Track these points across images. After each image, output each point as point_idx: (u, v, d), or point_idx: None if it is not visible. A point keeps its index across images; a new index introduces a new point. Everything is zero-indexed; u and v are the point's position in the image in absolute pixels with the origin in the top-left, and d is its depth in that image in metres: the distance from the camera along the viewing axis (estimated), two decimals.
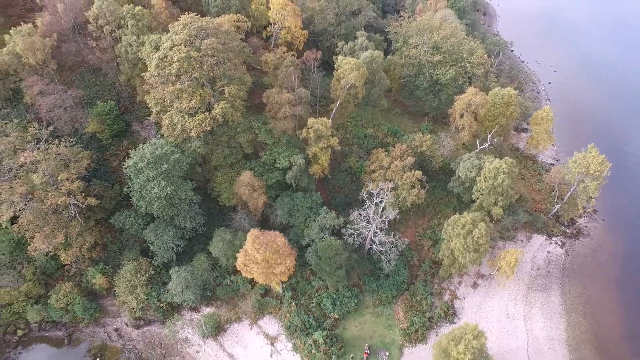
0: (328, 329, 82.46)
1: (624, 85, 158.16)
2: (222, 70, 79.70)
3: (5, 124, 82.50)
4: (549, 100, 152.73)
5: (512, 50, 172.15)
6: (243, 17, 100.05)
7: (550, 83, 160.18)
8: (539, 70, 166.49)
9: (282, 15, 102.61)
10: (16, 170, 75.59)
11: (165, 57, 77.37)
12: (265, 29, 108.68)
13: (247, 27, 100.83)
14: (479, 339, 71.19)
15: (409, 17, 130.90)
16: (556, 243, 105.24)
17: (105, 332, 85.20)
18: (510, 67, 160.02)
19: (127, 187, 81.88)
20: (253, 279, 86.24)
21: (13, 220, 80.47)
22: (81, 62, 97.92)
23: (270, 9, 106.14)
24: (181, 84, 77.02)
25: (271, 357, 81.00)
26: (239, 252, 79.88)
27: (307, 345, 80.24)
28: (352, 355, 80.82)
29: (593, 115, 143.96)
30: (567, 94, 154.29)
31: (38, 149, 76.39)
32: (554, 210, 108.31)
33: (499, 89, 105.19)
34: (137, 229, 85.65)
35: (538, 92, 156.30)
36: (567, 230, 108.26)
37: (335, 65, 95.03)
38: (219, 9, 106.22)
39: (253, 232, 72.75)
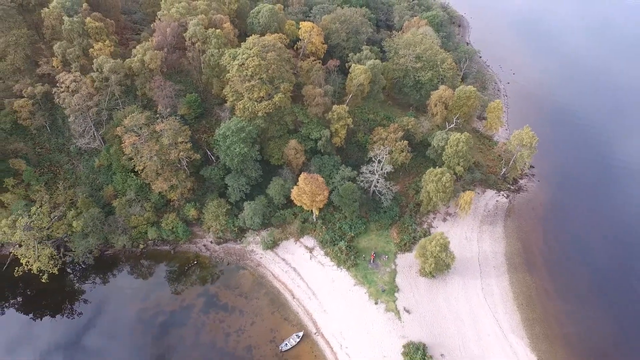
0: (347, 242, 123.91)
1: (568, 82, 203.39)
2: (279, 73, 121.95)
3: (132, 108, 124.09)
4: (506, 96, 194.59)
5: (480, 57, 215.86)
6: (283, 35, 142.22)
7: (509, 83, 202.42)
8: (500, 72, 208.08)
9: (309, 34, 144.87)
10: (149, 135, 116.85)
11: (243, 64, 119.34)
12: (296, 43, 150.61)
13: (286, 42, 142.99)
14: (445, 239, 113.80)
15: (399, 31, 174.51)
16: (503, 195, 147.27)
17: (197, 247, 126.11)
18: (477, 70, 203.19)
19: (216, 149, 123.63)
20: (295, 213, 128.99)
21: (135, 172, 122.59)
22: (169, 66, 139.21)
23: (300, 28, 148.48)
24: (254, 82, 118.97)
25: (310, 259, 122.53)
26: (287, 193, 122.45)
27: (334, 251, 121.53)
28: (364, 255, 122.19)
29: (539, 106, 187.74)
30: (520, 91, 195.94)
31: (162, 122, 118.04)
32: (502, 173, 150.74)
33: (463, 87, 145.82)
34: (218, 179, 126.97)
35: (498, 90, 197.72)
36: (511, 187, 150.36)
37: (350, 70, 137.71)
38: (262, 28, 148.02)
39: (304, 174, 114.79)
